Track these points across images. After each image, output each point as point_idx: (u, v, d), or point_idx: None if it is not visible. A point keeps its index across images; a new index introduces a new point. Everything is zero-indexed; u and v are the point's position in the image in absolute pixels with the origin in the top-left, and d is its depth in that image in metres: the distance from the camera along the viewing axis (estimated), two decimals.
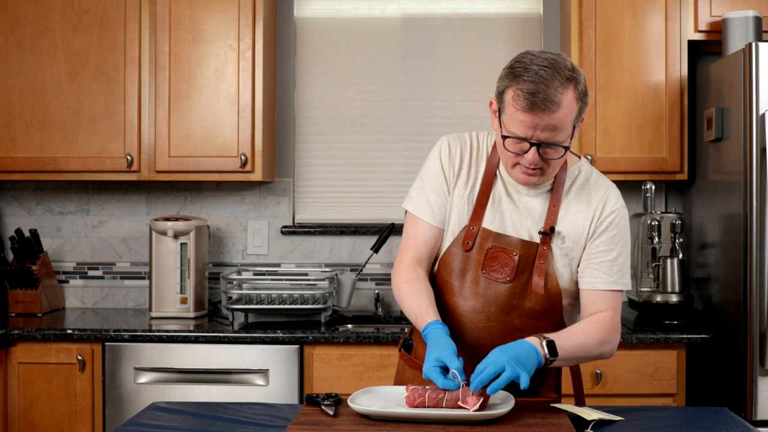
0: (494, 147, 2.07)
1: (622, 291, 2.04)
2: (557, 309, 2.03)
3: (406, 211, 2.13)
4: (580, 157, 2.12)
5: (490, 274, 2.01)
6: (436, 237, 2.08)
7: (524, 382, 1.79)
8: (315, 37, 3.69)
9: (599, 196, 2.05)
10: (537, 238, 2.01)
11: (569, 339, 1.93)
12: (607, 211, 2.03)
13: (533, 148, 1.90)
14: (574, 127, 1.93)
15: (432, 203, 2.07)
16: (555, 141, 1.89)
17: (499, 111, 1.95)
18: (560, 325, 2.05)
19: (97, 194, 3.69)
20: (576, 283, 2.04)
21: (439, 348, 1.85)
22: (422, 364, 2.00)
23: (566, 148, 1.92)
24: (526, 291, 2.00)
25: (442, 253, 2.07)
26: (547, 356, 1.87)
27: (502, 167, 2.05)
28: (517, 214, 2.03)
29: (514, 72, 1.90)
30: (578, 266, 2.04)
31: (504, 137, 1.93)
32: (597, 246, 2.02)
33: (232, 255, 3.66)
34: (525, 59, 1.91)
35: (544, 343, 1.87)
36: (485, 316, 2.02)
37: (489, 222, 2.03)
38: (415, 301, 1.99)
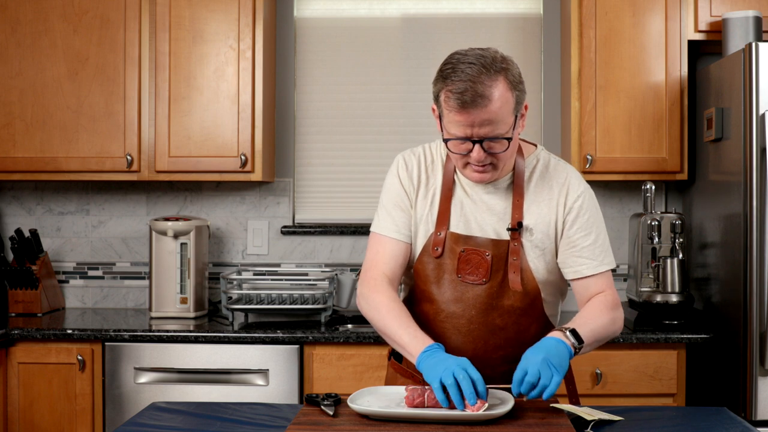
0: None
1: (610, 269, 2.05)
2: (537, 303, 2.03)
3: (371, 233, 2.13)
4: (536, 146, 2.11)
5: (466, 277, 2.01)
6: (404, 252, 2.08)
7: (557, 379, 1.79)
8: (315, 37, 3.69)
9: (560, 183, 2.05)
10: (505, 236, 2.01)
11: (586, 324, 1.94)
12: (572, 197, 2.04)
13: (476, 146, 1.90)
14: (516, 117, 1.92)
15: (396, 219, 2.08)
16: (496, 134, 1.89)
17: (440, 115, 1.95)
18: (542, 319, 2.06)
19: (97, 194, 3.69)
20: (551, 274, 2.04)
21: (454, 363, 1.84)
22: (413, 373, 2.04)
23: (509, 140, 1.91)
24: (503, 289, 2.01)
25: (414, 263, 2.07)
26: (575, 345, 1.87)
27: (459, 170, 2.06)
28: (480, 214, 2.03)
29: (443, 74, 1.91)
30: (556, 257, 2.04)
31: (446, 140, 1.94)
32: (574, 234, 2.02)
33: (232, 255, 3.66)
34: (453, 59, 1.92)
35: (568, 332, 1.88)
36: (466, 320, 2.02)
37: (455, 226, 2.03)
38: (406, 323, 1.98)
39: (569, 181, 2.05)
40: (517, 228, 1.99)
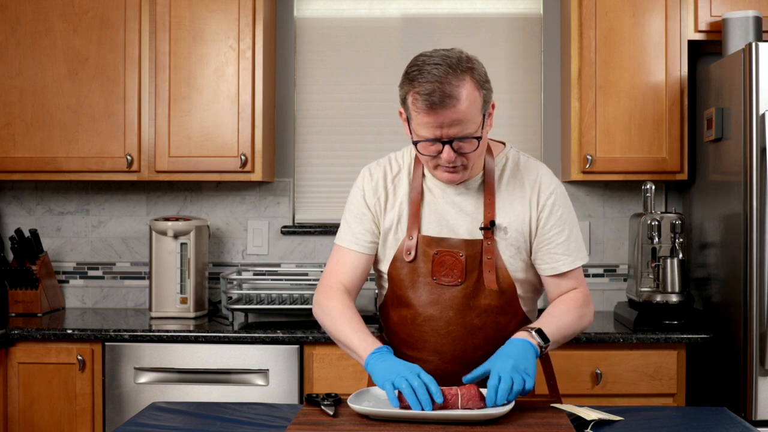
0: (417, 157, 2.09)
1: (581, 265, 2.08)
2: (513, 301, 2.04)
3: (334, 245, 2.15)
4: (504, 144, 2.13)
5: (441, 279, 2.02)
6: (363, 263, 2.10)
7: (530, 384, 1.83)
8: (315, 37, 3.69)
9: (532, 180, 2.06)
10: (478, 235, 2.02)
11: (552, 323, 1.97)
12: (544, 194, 2.05)
13: (446, 146, 1.91)
14: (484, 116, 1.93)
15: (355, 231, 2.10)
16: (465, 134, 1.90)
17: (408, 119, 1.96)
18: (519, 316, 2.07)
19: (97, 194, 3.69)
20: (527, 271, 2.06)
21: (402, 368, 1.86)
22: None
23: (479, 139, 1.92)
24: (479, 289, 2.01)
25: (387, 269, 2.08)
26: (541, 344, 1.91)
27: (428, 175, 2.07)
28: (452, 215, 2.04)
29: (409, 76, 1.92)
30: (530, 255, 2.06)
31: (415, 142, 1.94)
32: (548, 231, 2.04)
33: (232, 255, 3.66)
34: (418, 62, 1.93)
35: (534, 332, 1.91)
36: (444, 322, 2.03)
37: (426, 229, 2.04)
38: (355, 328, 2.00)
39: (541, 179, 2.07)
40: (489, 227, 2.00)
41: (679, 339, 2.97)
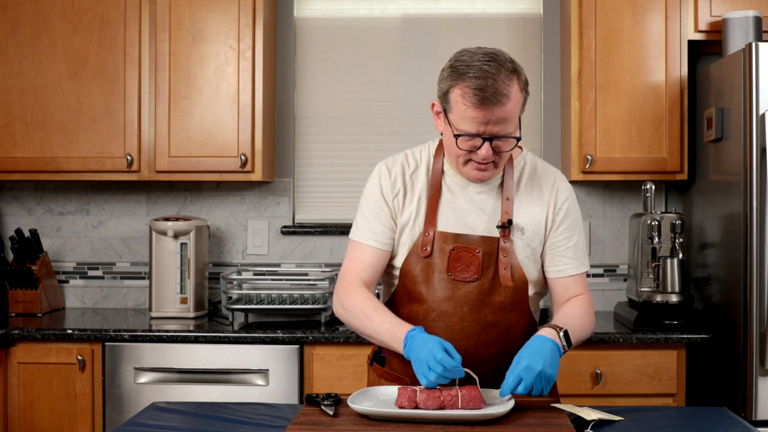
0: (436, 154, 2.10)
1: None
2: (525, 299, 2.06)
3: (349, 240, 2.15)
4: (522, 148, 2.14)
5: (457, 275, 2.03)
6: (381, 259, 2.09)
7: (546, 392, 1.87)
8: (315, 37, 3.69)
9: (550, 185, 2.10)
10: (495, 233, 2.03)
11: (573, 326, 2.00)
12: (561, 199, 2.09)
13: (486, 143, 1.93)
14: (519, 118, 1.97)
15: (373, 227, 2.09)
16: (506, 133, 1.93)
17: (445, 111, 1.97)
18: (528, 314, 2.08)
19: (97, 194, 3.69)
20: (539, 272, 2.09)
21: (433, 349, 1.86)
22: (399, 375, 2.06)
23: (518, 139, 1.96)
24: (494, 286, 2.03)
25: (401, 265, 2.08)
26: (565, 348, 1.94)
27: (447, 171, 2.08)
28: (470, 213, 2.05)
29: (458, 70, 1.92)
30: (541, 256, 2.08)
31: (456, 136, 1.94)
32: (559, 234, 2.07)
33: (232, 255, 3.66)
34: (465, 57, 1.94)
35: (562, 334, 1.94)
36: (458, 318, 2.03)
37: (444, 225, 2.05)
38: (385, 316, 2.01)
39: (558, 183, 2.11)
40: (506, 225, 2.02)
41: (679, 339, 2.97)
